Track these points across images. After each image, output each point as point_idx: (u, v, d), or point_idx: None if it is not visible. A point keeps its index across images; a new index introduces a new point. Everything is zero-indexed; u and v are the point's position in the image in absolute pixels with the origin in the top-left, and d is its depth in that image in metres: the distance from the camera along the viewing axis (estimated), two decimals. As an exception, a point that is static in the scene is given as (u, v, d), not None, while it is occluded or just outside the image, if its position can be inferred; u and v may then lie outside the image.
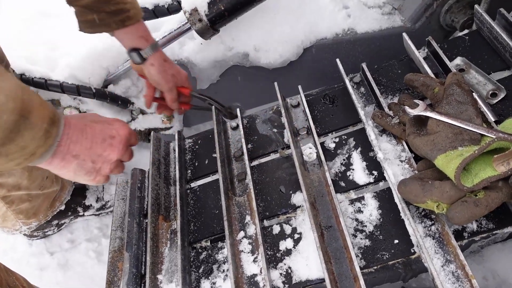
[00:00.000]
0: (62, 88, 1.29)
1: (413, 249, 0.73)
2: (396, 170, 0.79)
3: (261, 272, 0.79)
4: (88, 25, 1.09)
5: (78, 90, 1.30)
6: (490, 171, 0.63)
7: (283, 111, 0.96)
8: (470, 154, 0.63)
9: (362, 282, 0.69)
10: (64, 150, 0.74)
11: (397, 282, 1.06)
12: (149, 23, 1.40)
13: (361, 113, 0.88)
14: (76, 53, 1.39)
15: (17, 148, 0.65)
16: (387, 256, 0.75)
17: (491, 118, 0.79)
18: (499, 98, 0.85)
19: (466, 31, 1.18)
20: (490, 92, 0.86)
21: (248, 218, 0.86)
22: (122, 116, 1.47)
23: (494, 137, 0.65)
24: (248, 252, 0.82)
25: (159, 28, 1.42)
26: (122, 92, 1.41)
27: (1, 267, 0.93)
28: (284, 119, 0.94)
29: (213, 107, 1.06)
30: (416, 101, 0.79)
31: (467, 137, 0.70)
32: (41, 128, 0.67)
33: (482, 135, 0.70)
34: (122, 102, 1.39)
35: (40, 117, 0.66)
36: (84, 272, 1.51)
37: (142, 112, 1.49)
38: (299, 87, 1.01)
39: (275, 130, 1.01)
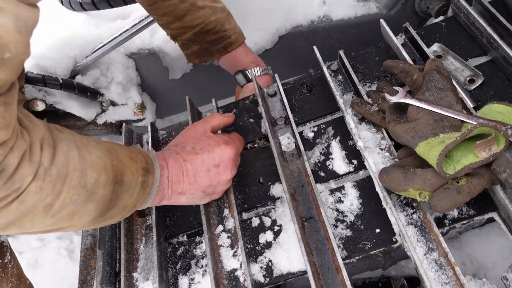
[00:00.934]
0: (27, 78, 1.22)
1: (395, 238, 0.73)
2: (376, 159, 0.77)
3: (241, 266, 0.76)
4: (193, 56, 1.15)
5: (44, 81, 1.23)
6: (472, 158, 0.62)
7: (260, 101, 0.93)
8: (452, 141, 0.62)
9: (344, 273, 0.67)
10: (168, 192, 0.73)
11: (376, 270, 1.06)
12: (117, 10, 1.34)
13: (340, 101, 0.86)
14: (41, 42, 1.33)
15: (118, 210, 0.65)
16: (369, 246, 0.74)
17: (469, 104, 0.79)
18: (477, 84, 0.84)
19: (441, 18, 1.18)
20: (468, 78, 0.86)
21: (226, 211, 0.83)
22: (91, 107, 1.41)
23: (475, 123, 0.65)
24: (227, 247, 0.79)
25: (129, 15, 1.37)
26: (91, 83, 1.35)
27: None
28: (261, 109, 0.92)
29: (187, 97, 1.02)
30: (396, 88, 0.77)
31: (447, 124, 0.69)
32: (137, 183, 0.65)
33: (463, 122, 0.69)
34: (91, 94, 1.33)
35: (133, 173, 0.65)
36: (55, 271, 1.45)
37: (113, 104, 1.44)
38: (276, 75, 0.99)
39: (252, 120, 0.99)
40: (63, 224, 0.60)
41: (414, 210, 0.71)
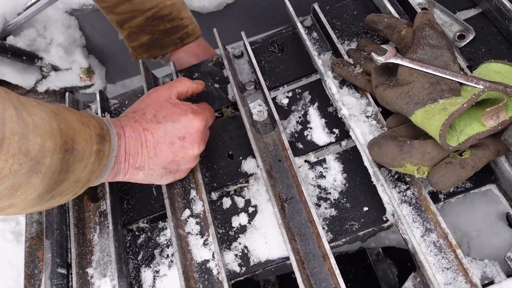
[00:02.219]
0: None
1: (385, 217, 0.65)
2: (363, 128, 0.68)
3: (213, 257, 0.67)
4: (143, 49, 0.98)
5: (-32, 44, 1.05)
6: (478, 127, 0.54)
7: (226, 63, 0.81)
8: (458, 108, 0.53)
9: (332, 260, 0.59)
10: (125, 165, 0.62)
11: (355, 243, 1.00)
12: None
13: (318, 62, 0.76)
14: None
15: (69, 185, 0.54)
16: (357, 226, 0.66)
17: (462, 63, 0.70)
18: (468, 40, 0.76)
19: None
20: (458, 33, 0.77)
21: (193, 193, 0.73)
22: (30, 73, 1.23)
23: (481, 87, 0.56)
24: (197, 234, 0.69)
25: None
26: (27, 45, 1.17)
27: None
28: (228, 72, 0.80)
29: (141, 60, 0.88)
30: (384, 46, 0.67)
31: (445, 87, 0.60)
32: (91, 152, 0.55)
33: (462, 84, 0.61)
34: (27, 57, 1.16)
35: (86, 140, 0.54)
36: (1, 257, 1.31)
37: (55, 68, 1.27)
38: (243, 33, 0.86)
39: (217, 85, 0.87)
40: (2, 203, 0.49)
41: (408, 185, 0.64)
